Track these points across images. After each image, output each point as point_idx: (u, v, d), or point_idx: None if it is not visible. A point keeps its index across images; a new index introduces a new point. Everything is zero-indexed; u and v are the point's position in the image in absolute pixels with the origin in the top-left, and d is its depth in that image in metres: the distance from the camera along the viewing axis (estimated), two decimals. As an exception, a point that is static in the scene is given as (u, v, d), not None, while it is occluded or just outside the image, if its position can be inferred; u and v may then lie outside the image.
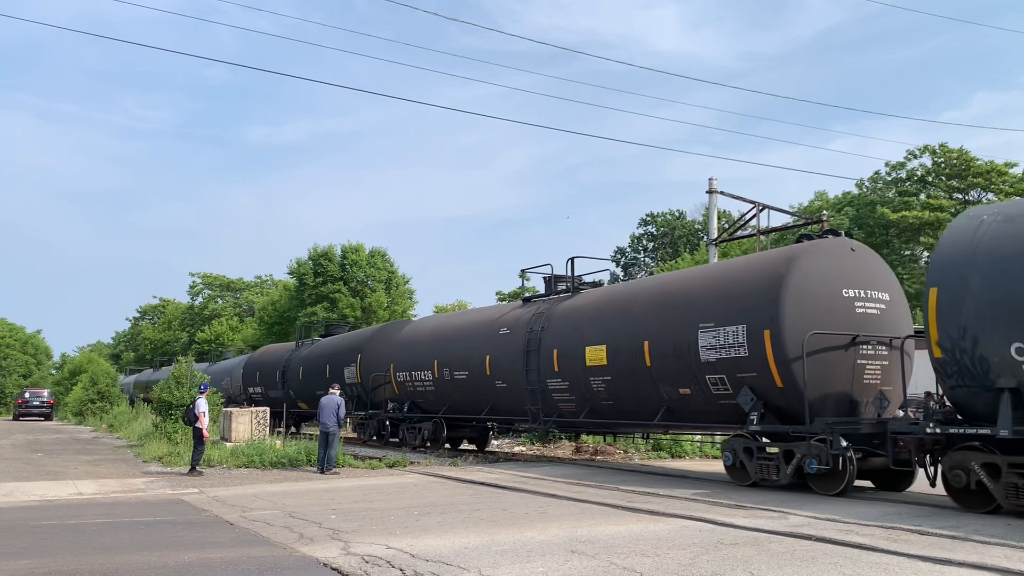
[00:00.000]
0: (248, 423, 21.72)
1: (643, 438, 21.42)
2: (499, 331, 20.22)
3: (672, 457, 20.92)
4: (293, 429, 32.01)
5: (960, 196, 43.47)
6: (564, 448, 23.48)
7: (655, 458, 20.88)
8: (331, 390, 18.26)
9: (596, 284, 20.09)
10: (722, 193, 23.22)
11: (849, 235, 16.13)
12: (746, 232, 24.07)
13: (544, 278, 20.81)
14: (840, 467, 12.45)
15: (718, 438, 20.41)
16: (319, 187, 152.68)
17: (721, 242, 24.50)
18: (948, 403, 11.46)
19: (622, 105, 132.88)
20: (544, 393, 18.51)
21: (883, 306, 13.84)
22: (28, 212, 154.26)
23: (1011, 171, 42.42)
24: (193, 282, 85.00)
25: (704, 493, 12.82)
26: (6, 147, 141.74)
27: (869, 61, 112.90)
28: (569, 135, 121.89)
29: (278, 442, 20.38)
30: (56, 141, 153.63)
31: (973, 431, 10.72)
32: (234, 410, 22.37)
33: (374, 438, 25.16)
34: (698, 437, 21.59)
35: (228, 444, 20.34)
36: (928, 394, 12.78)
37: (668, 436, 20.27)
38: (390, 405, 24.23)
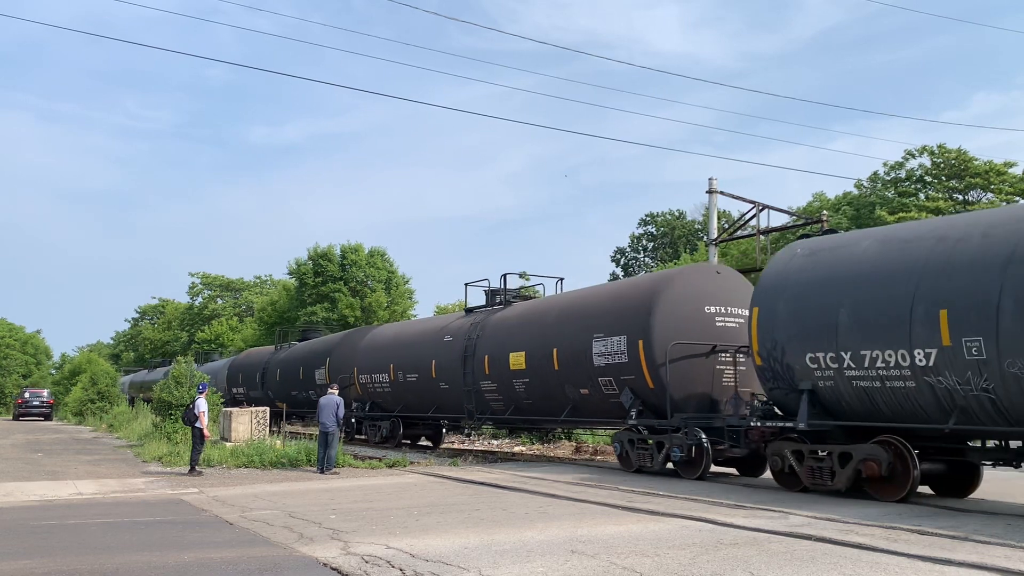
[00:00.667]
0: (248, 423, 21.71)
1: (564, 433, 25.00)
2: (444, 338, 22.55)
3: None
4: (275, 428, 32.56)
5: (959, 196, 43.48)
6: (564, 448, 23.49)
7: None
8: (329, 390, 18.25)
9: (528, 297, 22.40)
10: (722, 193, 23.21)
11: None
12: (746, 232, 24.08)
13: (484, 291, 22.96)
14: (698, 455, 14.76)
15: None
16: (319, 187, 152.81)
17: (721, 242, 24.50)
18: (769, 402, 13.65)
19: (622, 105, 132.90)
20: (478, 393, 20.67)
21: (741, 320, 15.81)
22: (28, 212, 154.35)
23: (1010, 171, 42.41)
24: (193, 282, 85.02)
25: (705, 493, 12.82)
26: (6, 147, 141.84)
27: (869, 61, 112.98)
28: (569, 135, 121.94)
29: (278, 442, 20.38)
30: (56, 141, 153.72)
31: (781, 424, 13.18)
32: (234, 410, 22.36)
33: (341, 435, 25.96)
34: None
35: (228, 444, 20.33)
36: (752, 394, 15.10)
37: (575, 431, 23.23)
38: (354, 405, 25.97)
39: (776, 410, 13.51)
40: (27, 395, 52.74)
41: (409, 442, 25.79)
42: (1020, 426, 10.39)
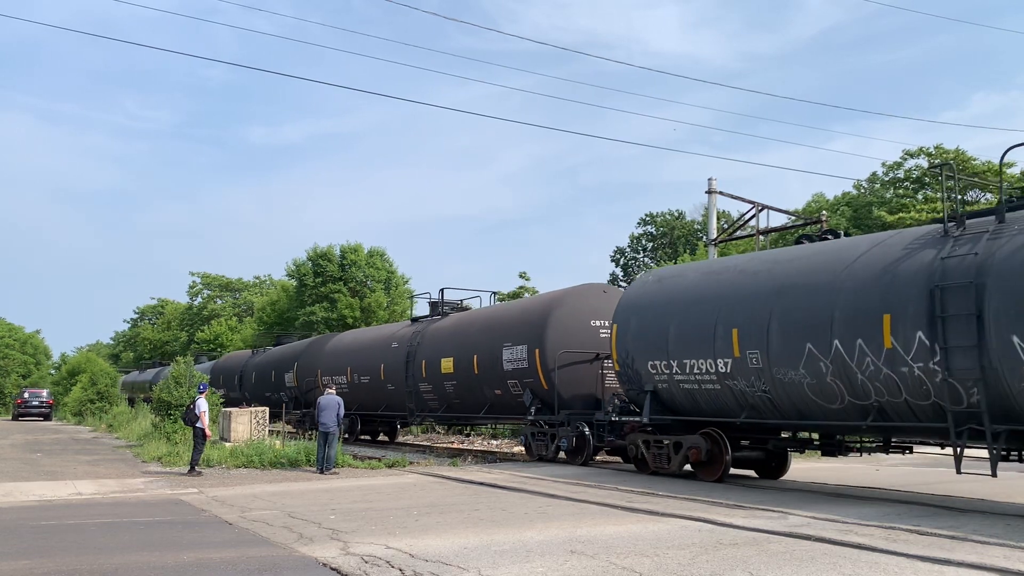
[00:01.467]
0: (247, 423, 21.70)
1: (487, 427, 28.53)
2: (391, 345, 25.51)
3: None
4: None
5: (958, 197, 43.45)
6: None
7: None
8: (328, 391, 18.25)
9: (462, 309, 24.81)
10: (721, 193, 23.23)
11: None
12: (745, 232, 24.08)
13: (428, 302, 25.89)
14: (580, 444, 17.96)
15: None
16: (319, 187, 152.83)
17: (720, 242, 24.50)
18: (627, 401, 16.68)
19: (621, 105, 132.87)
20: (417, 394, 23.70)
21: None
22: (28, 212, 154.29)
23: (1009, 171, 42.37)
24: (193, 282, 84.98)
25: (704, 493, 12.82)
26: (6, 147, 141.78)
27: (868, 61, 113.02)
28: (569, 135, 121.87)
29: (277, 442, 20.37)
30: (56, 141, 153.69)
31: (630, 419, 16.35)
32: (233, 410, 22.35)
33: (309, 432, 26.60)
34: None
35: (227, 444, 20.32)
36: (615, 395, 17.70)
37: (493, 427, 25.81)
38: None
39: (632, 407, 16.47)
40: (26, 395, 52.66)
41: (369, 437, 29.24)
42: (789, 419, 13.41)
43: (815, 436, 14.80)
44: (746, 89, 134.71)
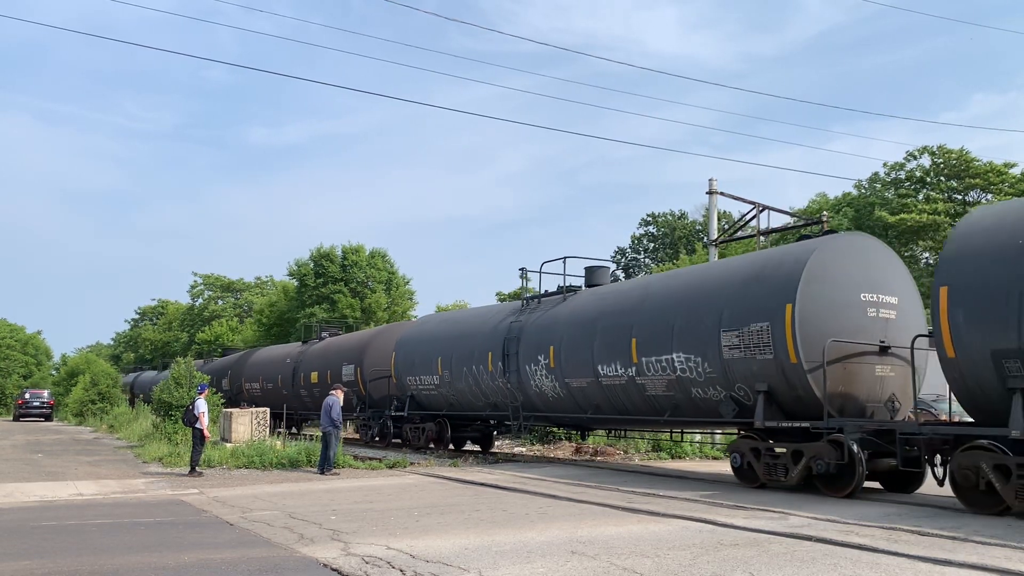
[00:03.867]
0: (248, 424, 21.69)
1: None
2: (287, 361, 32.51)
3: (672, 458, 20.92)
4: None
5: (959, 197, 43.44)
6: (564, 449, 23.49)
7: (655, 459, 20.89)
8: (331, 392, 18.25)
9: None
10: (722, 194, 23.20)
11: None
12: (746, 233, 24.06)
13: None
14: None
15: (718, 438, 22.20)
16: (319, 188, 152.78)
17: (721, 243, 24.49)
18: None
19: (621, 106, 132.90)
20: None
21: None
22: (28, 213, 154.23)
23: (1010, 171, 42.35)
24: (194, 282, 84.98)
25: (704, 494, 12.82)
26: (6, 148, 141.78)
27: (868, 62, 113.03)
28: (569, 136, 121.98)
29: (278, 443, 20.37)
30: (56, 142, 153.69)
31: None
32: (234, 411, 22.34)
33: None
34: (698, 437, 22.08)
35: (228, 445, 20.32)
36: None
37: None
38: (243, 404, 31.52)
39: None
40: (27, 396, 52.61)
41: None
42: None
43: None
44: (746, 90, 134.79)
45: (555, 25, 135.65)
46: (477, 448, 24.33)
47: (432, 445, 23.38)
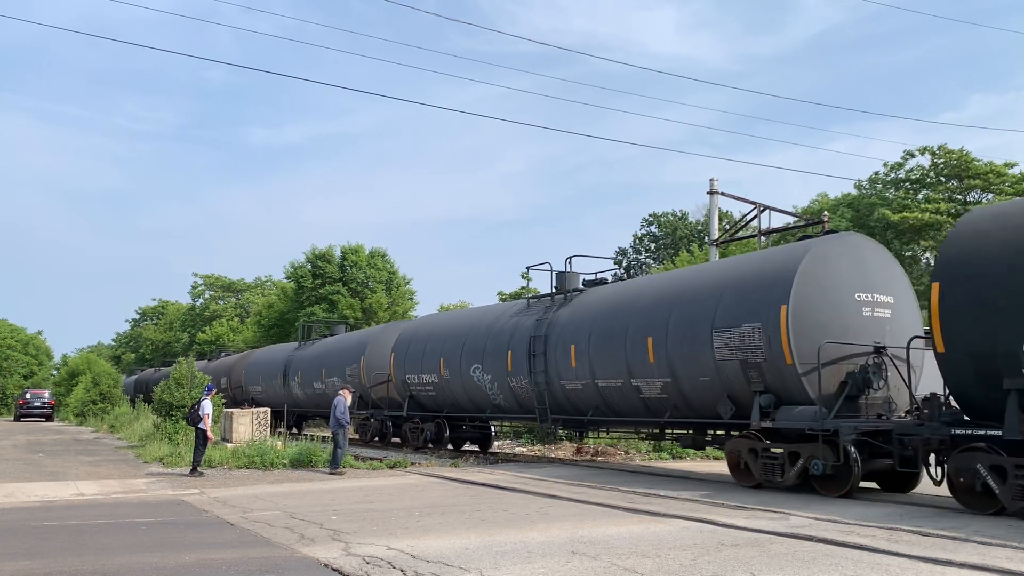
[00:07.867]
0: (249, 424, 21.68)
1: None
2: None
3: (673, 458, 20.92)
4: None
5: (959, 197, 43.38)
6: (565, 449, 23.49)
7: (656, 459, 20.88)
8: (339, 392, 18.32)
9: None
10: (723, 194, 23.21)
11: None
12: (747, 233, 24.06)
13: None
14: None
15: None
16: (319, 188, 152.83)
17: (722, 243, 24.49)
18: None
19: (621, 106, 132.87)
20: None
21: None
22: (29, 213, 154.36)
23: (1010, 171, 42.30)
24: (195, 282, 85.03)
25: (705, 494, 12.82)
26: (6, 148, 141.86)
27: (867, 62, 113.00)
28: (569, 136, 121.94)
29: (279, 443, 20.37)
30: (56, 143, 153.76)
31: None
32: (235, 411, 22.33)
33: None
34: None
35: (229, 445, 20.31)
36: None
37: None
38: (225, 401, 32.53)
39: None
40: (28, 396, 52.62)
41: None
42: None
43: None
44: (746, 90, 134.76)
45: (554, 25, 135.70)
46: (476, 448, 24.27)
47: (431, 445, 23.40)
